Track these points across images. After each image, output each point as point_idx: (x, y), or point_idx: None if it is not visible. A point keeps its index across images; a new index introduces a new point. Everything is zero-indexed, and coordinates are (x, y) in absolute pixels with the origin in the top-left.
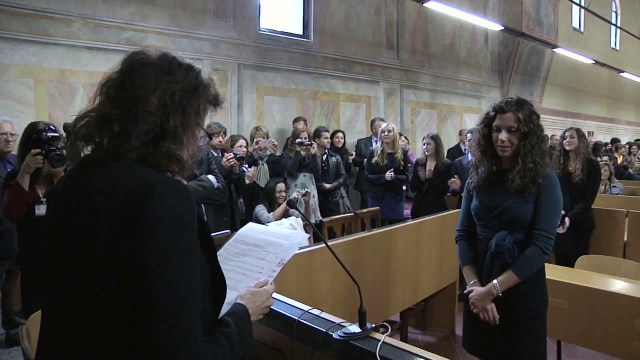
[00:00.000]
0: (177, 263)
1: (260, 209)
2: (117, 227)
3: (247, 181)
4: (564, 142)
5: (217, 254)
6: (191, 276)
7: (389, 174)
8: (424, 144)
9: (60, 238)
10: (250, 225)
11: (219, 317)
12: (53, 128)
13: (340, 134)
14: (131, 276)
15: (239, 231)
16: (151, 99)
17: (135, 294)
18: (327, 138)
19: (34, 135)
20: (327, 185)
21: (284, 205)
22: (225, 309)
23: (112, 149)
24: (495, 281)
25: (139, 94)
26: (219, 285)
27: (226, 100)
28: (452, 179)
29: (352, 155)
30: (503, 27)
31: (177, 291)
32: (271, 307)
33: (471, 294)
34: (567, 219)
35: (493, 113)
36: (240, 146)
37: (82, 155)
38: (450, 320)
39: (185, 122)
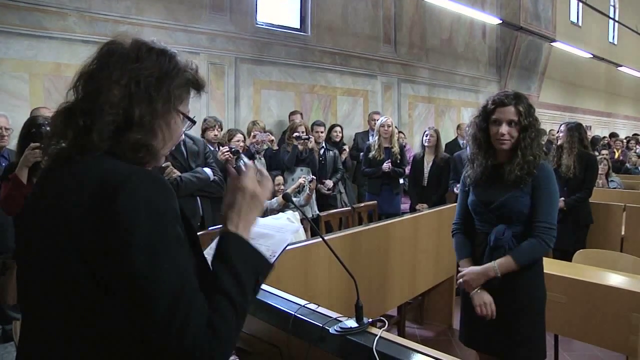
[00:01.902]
0: (161, 254)
1: None
2: (88, 226)
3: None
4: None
5: (209, 247)
6: (180, 263)
7: (386, 165)
8: (425, 135)
9: (34, 236)
10: None
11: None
12: None
13: (338, 128)
14: (116, 276)
15: None
16: (114, 90)
17: (123, 294)
18: (320, 132)
19: (34, 129)
20: (325, 189)
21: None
22: None
23: (78, 143)
24: (494, 262)
25: (102, 85)
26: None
27: (223, 94)
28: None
29: (344, 150)
30: (501, 21)
31: (168, 283)
32: (263, 301)
33: (465, 272)
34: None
35: (492, 106)
36: (238, 141)
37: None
38: (447, 314)
39: (152, 110)
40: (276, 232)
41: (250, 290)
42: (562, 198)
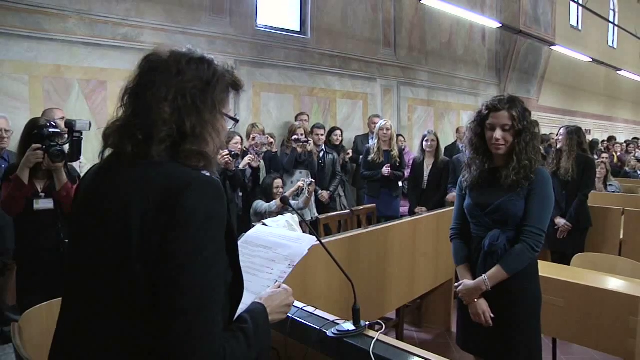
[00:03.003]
0: (205, 258)
1: (259, 202)
2: (151, 223)
3: (253, 164)
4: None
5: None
6: (217, 273)
7: (386, 170)
8: (426, 140)
9: (89, 234)
10: (259, 227)
11: (236, 315)
12: (54, 124)
13: (338, 132)
14: (160, 269)
15: (247, 233)
16: (164, 107)
17: (161, 286)
18: (320, 135)
19: (35, 130)
20: (324, 200)
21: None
22: (241, 308)
23: (138, 153)
24: (484, 276)
25: (152, 103)
26: (237, 285)
27: None
28: (451, 194)
29: (348, 154)
30: (500, 25)
31: (202, 285)
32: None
33: (460, 288)
34: (562, 221)
35: (486, 111)
36: (236, 143)
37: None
38: (446, 317)
39: (202, 119)
40: (294, 242)
41: (257, 348)
42: (564, 221)
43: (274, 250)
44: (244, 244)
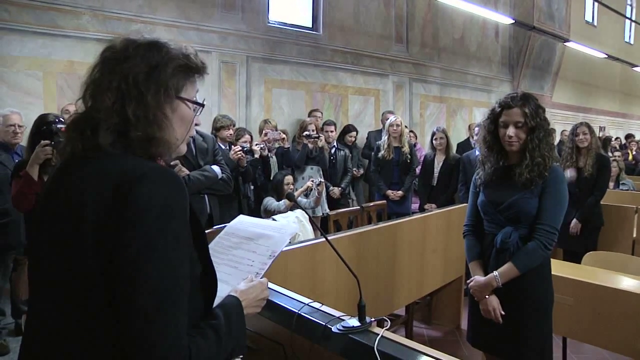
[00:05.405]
0: (160, 253)
1: (269, 200)
2: (105, 218)
3: (263, 153)
4: (577, 139)
5: (209, 247)
6: (176, 267)
7: (392, 196)
8: (435, 139)
9: (48, 232)
10: (241, 218)
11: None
12: (63, 120)
13: (353, 133)
14: (115, 267)
15: (229, 224)
16: (107, 95)
17: (117, 285)
18: (330, 132)
19: (44, 126)
20: (337, 193)
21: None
22: (217, 303)
23: (88, 147)
24: (495, 272)
25: (99, 93)
26: (209, 279)
27: (234, 92)
28: None
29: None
30: (514, 21)
31: (158, 282)
32: (268, 299)
33: (471, 284)
34: (574, 220)
35: (499, 109)
36: (245, 141)
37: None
38: (456, 314)
39: (144, 104)
40: (276, 232)
41: (229, 344)
42: (575, 221)
43: (255, 242)
44: (226, 236)
